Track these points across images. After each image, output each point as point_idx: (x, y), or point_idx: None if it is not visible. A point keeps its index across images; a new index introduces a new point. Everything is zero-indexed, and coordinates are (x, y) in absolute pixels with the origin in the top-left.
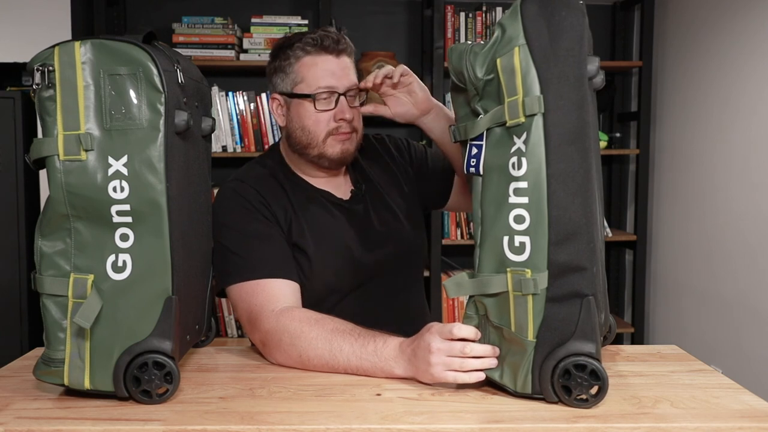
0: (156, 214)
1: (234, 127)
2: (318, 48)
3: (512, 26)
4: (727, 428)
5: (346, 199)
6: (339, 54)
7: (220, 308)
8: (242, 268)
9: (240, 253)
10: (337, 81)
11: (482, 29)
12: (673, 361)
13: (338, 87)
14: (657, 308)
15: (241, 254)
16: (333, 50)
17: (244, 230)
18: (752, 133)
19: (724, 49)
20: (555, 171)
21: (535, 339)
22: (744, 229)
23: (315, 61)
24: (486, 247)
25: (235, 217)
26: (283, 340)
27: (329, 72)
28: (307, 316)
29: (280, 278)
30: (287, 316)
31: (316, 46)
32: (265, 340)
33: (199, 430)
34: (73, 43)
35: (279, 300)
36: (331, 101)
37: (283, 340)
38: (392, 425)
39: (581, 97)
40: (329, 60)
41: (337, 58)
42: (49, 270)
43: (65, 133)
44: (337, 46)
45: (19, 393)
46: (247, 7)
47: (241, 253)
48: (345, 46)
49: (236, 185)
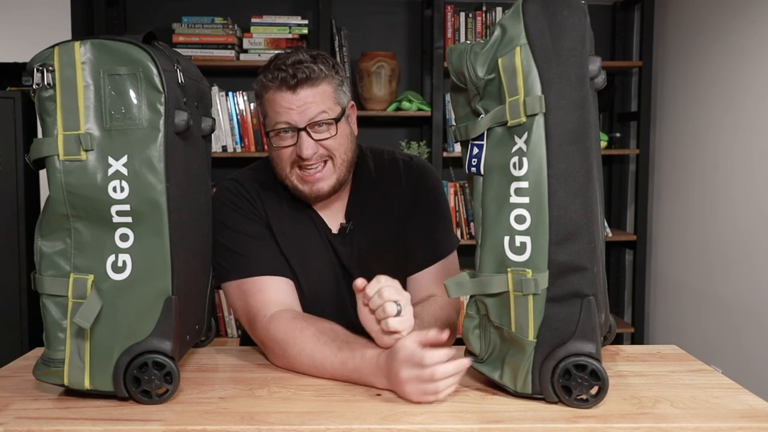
0: (156, 214)
1: (234, 127)
2: (277, 83)
3: (514, 26)
4: (727, 428)
5: (334, 233)
6: (296, 88)
7: (220, 308)
8: (238, 265)
9: (238, 250)
10: (297, 116)
11: (482, 29)
12: (673, 361)
13: (295, 121)
14: (657, 308)
15: (238, 252)
16: (289, 86)
17: (241, 229)
18: (752, 133)
19: (724, 49)
20: (556, 171)
21: (536, 339)
22: (744, 228)
23: (273, 97)
24: (487, 247)
25: (233, 215)
26: (275, 350)
27: (285, 109)
28: (292, 325)
29: (276, 276)
30: (275, 324)
31: (275, 81)
32: (262, 346)
33: (199, 430)
34: (73, 43)
35: (274, 302)
36: (293, 137)
37: (274, 349)
38: (392, 425)
39: (583, 97)
40: (285, 96)
41: (293, 94)
42: (49, 270)
43: (65, 133)
44: (294, 79)
45: (19, 393)
46: (247, 7)
47: (239, 250)
48: (305, 76)
49: (234, 184)
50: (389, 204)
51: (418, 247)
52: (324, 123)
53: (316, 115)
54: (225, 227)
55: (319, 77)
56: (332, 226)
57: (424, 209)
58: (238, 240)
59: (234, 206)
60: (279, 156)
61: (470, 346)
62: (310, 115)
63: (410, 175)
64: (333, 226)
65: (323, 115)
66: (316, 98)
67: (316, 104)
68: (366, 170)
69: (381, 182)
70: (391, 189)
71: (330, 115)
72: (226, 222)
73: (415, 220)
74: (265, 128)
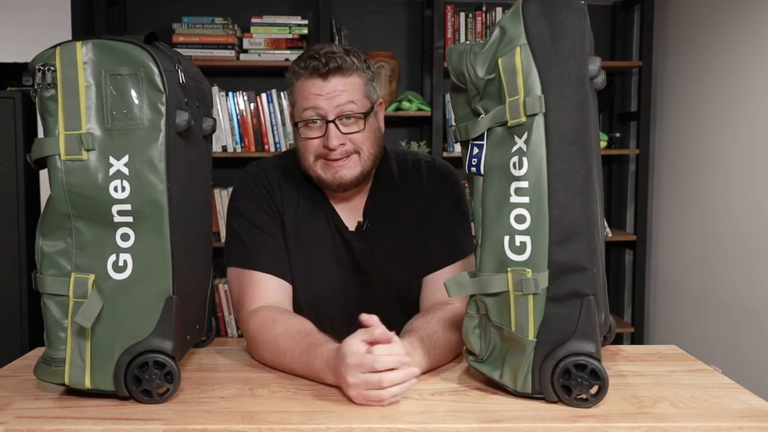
0: (157, 213)
1: (234, 127)
2: (308, 71)
3: (514, 26)
4: (727, 428)
5: (351, 230)
6: (327, 76)
7: (220, 308)
8: (243, 254)
9: (245, 240)
10: (325, 103)
11: (482, 29)
12: (673, 361)
13: (324, 109)
14: (657, 308)
15: (246, 242)
16: (320, 73)
17: (253, 218)
18: (752, 133)
19: (724, 49)
20: (556, 171)
21: (536, 339)
22: (744, 228)
23: (304, 84)
24: (487, 247)
25: (248, 203)
26: (250, 341)
27: (314, 95)
28: (263, 321)
29: (273, 275)
30: (253, 320)
31: (306, 69)
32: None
33: (200, 429)
34: (74, 43)
35: (263, 299)
36: (321, 128)
37: (249, 341)
38: (392, 425)
39: (582, 97)
40: (316, 83)
41: (324, 81)
42: (50, 269)
43: (66, 133)
44: (326, 67)
45: (19, 393)
46: (247, 7)
47: (245, 240)
48: (337, 65)
49: (257, 170)
50: (408, 204)
51: (436, 247)
52: (352, 116)
53: (345, 104)
54: (239, 213)
55: (350, 68)
56: (349, 224)
57: (444, 210)
58: (248, 229)
59: (251, 193)
60: (305, 146)
61: (470, 346)
62: (339, 102)
63: (432, 176)
64: (350, 224)
65: (351, 105)
66: (347, 87)
67: (345, 93)
68: (388, 171)
69: (401, 183)
70: (411, 189)
71: (358, 108)
72: (241, 208)
73: (434, 220)
74: (294, 118)
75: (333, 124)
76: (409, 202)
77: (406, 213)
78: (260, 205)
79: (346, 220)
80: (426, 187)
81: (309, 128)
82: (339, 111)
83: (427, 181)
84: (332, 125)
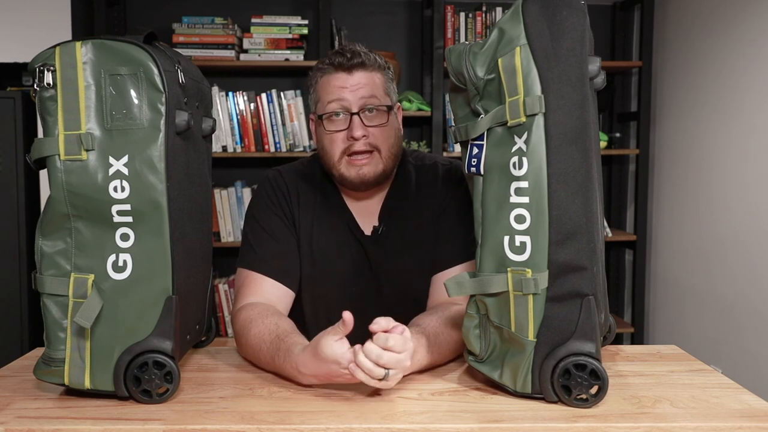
0: (156, 213)
1: (234, 127)
2: (332, 66)
3: (513, 26)
4: (726, 428)
5: (367, 235)
6: (352, 70)
7: (220, 308)
8: (249, 256)
9: (254, 243)
10: (349, 95)
11: (482, 29)
12: (673, 361)
13: (349, 101)
14: (657, 308)
15: (255, 246)
16: (345, 68)
17: (264, 224)
18: (752, 133)
19: (724, 50)
20: (556, 171)
21: (535, 339)
22: (744, 228)
23: (328, 79)
24: (487, 247)
25: (263, 209)
26: (236, 337)
27: (338, 88)
28: (243, 323)
29: (271, 278)
30: (239, 315)
31: (331, 65)
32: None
33: (200, 429)
34: (74, 43)
35: (250, 296)
36: (345, 121)
37: (235, 336)
38: (392, 425)
39: (582, 97)
40: (340, 77)
41: (348, 74)
42: (50, 270)
43: (66, 133)
44: (350, 62)
45: (19, 393)
46: (247, 7)
47: (254, 243)
48: (361, 60)
49: (276, 175)
50: (422, 206)
51: (447, 245)
52: (375, 109)
53: (368, 97)
54: (253, 217)
55: (374, 66)
56: (365, 228)
57: (457, 210)
58: (258, 234)
59: (267, 198)
60: (330, 141)
61: (470, 346)
62: (363, 94)
63: (448, 178)
64: (366, 229)
65: (374, 99)
66: (370, 81)
67: (369, 87)
68: (405, 174)
69: (417, 186)
70: (427, 192)
71: (381, 101)
72: (255, 213)
73: (446, 220)
74: (317, 115)
75: (357, 116)
76: (423, 204)
77: (419, 216)
78: (273, 211)
79: (362, 224)
80: (441, 191)
81: (332, 121)
82: (363, 103)
83: (442, 185)
84: (356, 117)
